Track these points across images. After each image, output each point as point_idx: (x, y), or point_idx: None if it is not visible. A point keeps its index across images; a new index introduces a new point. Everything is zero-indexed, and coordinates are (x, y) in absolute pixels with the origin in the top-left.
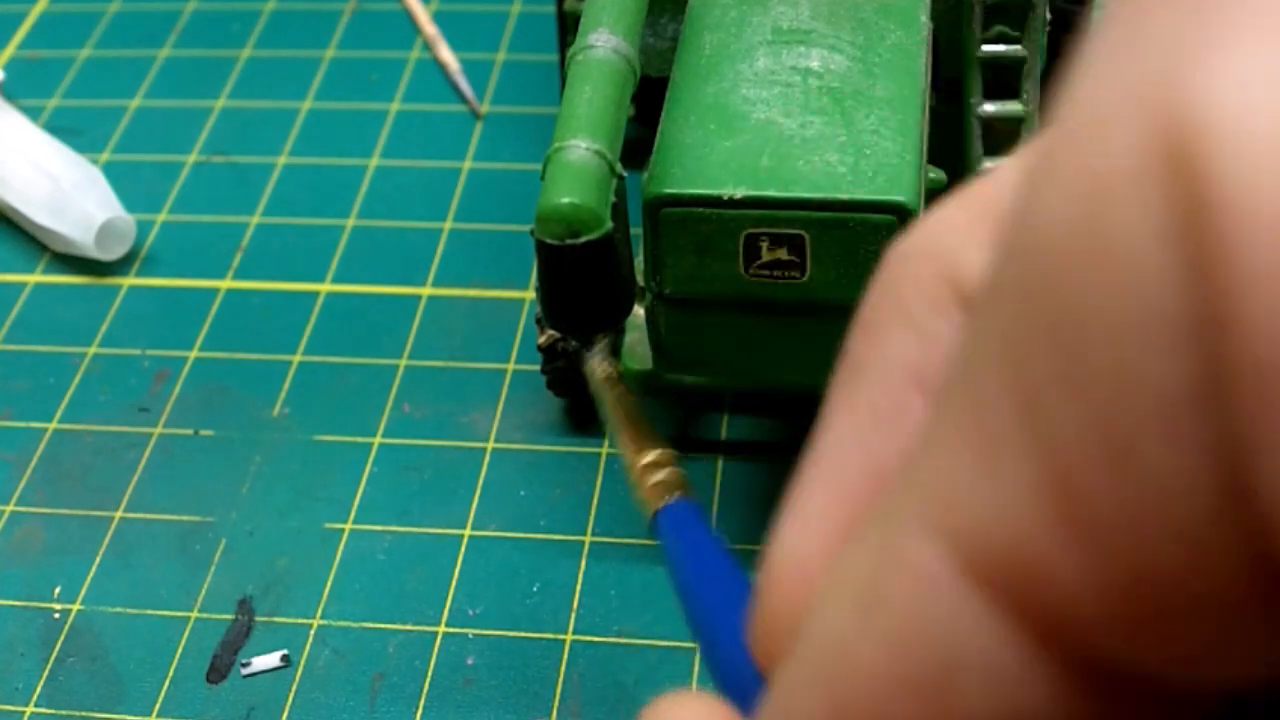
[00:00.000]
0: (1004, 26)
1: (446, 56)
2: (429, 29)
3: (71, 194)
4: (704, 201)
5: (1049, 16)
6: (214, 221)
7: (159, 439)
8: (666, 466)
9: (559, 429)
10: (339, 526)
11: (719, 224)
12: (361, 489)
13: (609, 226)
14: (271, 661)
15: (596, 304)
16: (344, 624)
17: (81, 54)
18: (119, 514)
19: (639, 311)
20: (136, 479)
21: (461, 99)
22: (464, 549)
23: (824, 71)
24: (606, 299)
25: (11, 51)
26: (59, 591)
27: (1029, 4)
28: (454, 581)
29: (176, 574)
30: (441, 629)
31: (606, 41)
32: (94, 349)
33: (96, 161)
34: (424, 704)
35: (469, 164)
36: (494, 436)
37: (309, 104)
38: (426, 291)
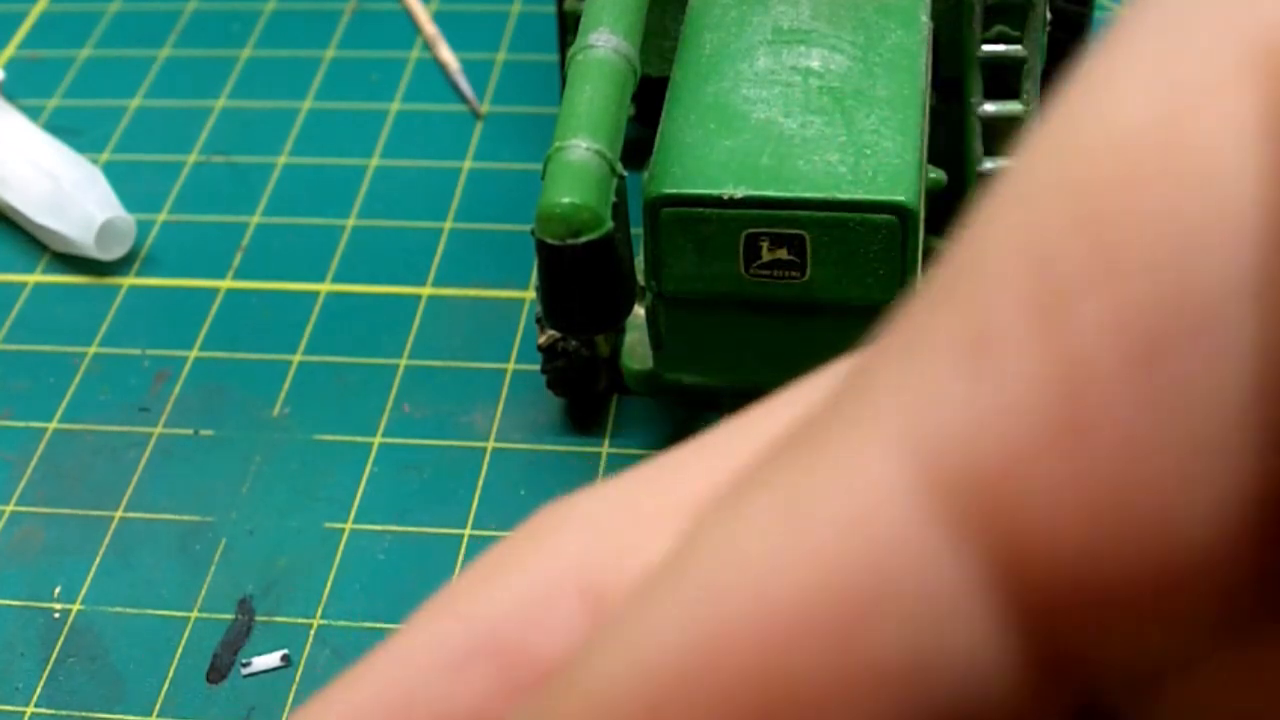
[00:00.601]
0: (1004, 26)
1: (446, 56)
2: (429, 29)
3: (71, 194)
4: (704, 201)
5: (1049, 16)
6: (214, 221)
7: (159, 439)
8: None
9: (559, 429)
10: (339, 526)
11: (719, 224)
12: (361, 489)
13: (609, 226)
14: (271, 661)
15: (596, 304)
16: (344, 624)
17: (81, 54)
18: (119, 514)
19: (639, 311)
20: (136, 479)
21: (461, 99)
22: (464, 549)
23: (824, 71)
24: (606, 299)
25: (11, 51)
26: (59, 591)
27: (1029, 4)
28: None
29: (176, 574)
30: None
31: (607, 41)
32: (94, 349)
33: (96, 161)
34: None
35: (469, 164)
36: (494, 436)
37: (309, 104)
38: (426, 291)
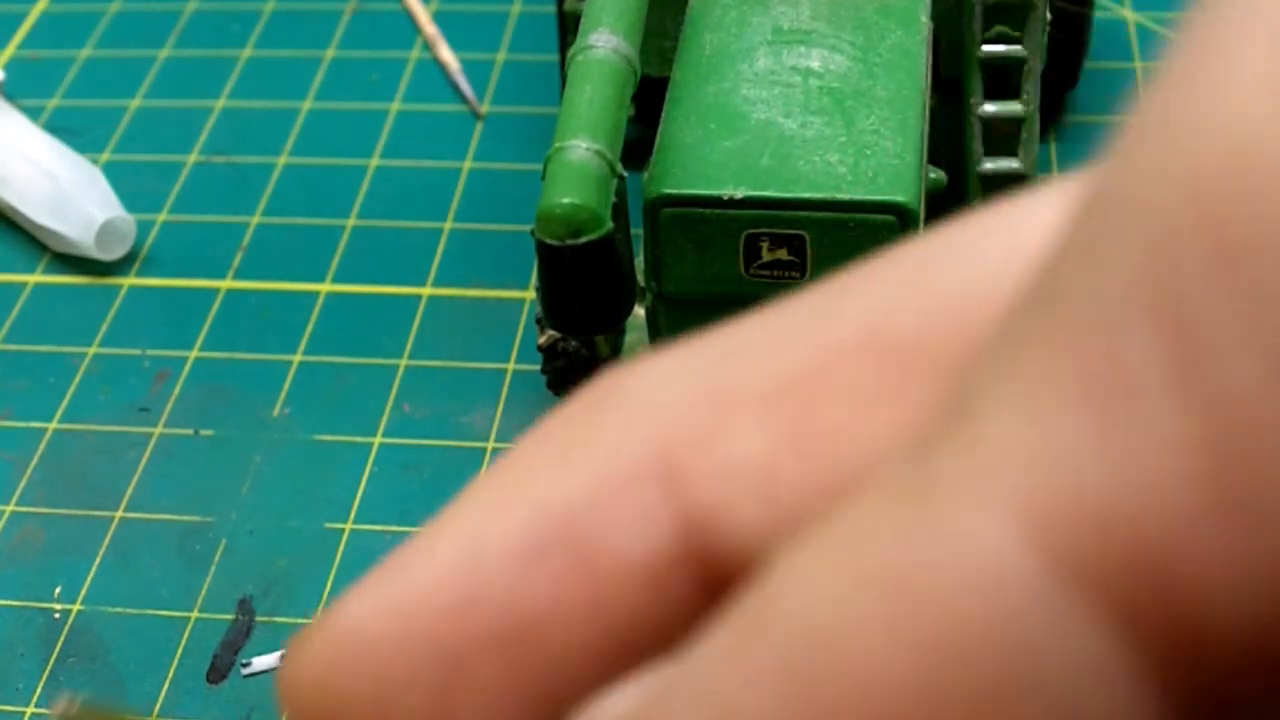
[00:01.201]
0: (1004, 26)
1: (446, 56)
2: (429, 29)
3: (71, 194)
4: (704, 201)
5: (1049, 16)
6: (214, 221)
7: (159, 439)
8: None
9: None
10: (339, 526)
11: (719, 224)
12: (361, 489)
13: (609, 226)
14: (271, 661)
15: (596, 304)
16: None
17: (81, 54)
18: (119, 514)
19: (639, 311)
20: (136, 479)
21: (461, 99)
22: None
23: (824, 71)
24: (606, 299)
25: (11, 51)
26: (59, 591)
27: (1029, 4)
28: None
29: (176, 574)
30: None
31: (607, 41)
32: (94, 349)
33: (96, 161)
34: None
35: (469, 164)
36: (494, 436)
37: (309, 104)
38: (426, 291)
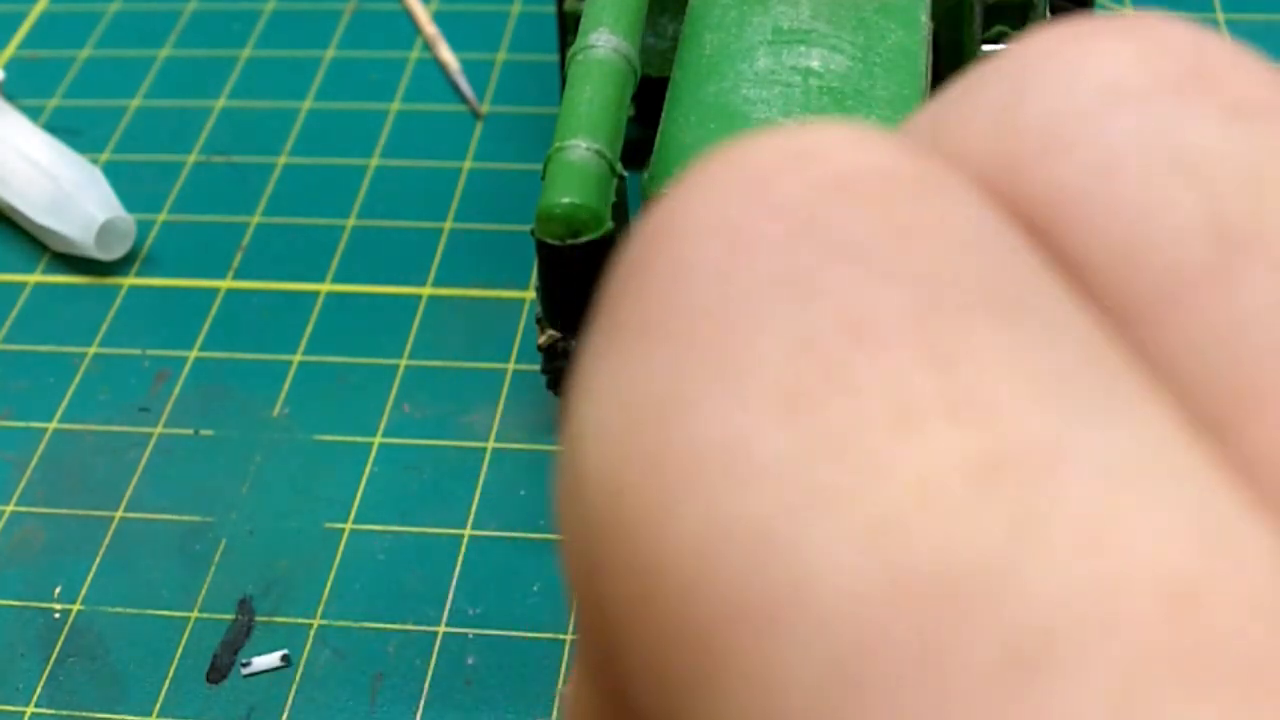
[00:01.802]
0: (1004, 26)
1: (446, 56)
2: (429, 29)
3: (71, 194)
4: None
5: (1049, 17)
6: (214, 221)
7: (159, 439)
8: None
9: (559, 429)
10: (339, 526)
11: None
12: (361, 489)
13: (609, 226)
14: (271, 661)
15: (597, 304)
16: (344, 624)
17: (81, 54)
18: (119, 514)
19: None
20: (136, 479)
21: (461, 99)
22: (464, 549)
23: (824, 71)
24: None
25: (11, 51)
26: (59, 591)
27: (1029, 4)
28: (454, 581)
29: (176, 574)
30: (441, 629)
31: (607, 41)
32: (94, 349)
33: (96, 161)
34: (424, 704)
35: (469, 164)
36: (494, 436)
37: (309, 104)
38: (426, 291)
